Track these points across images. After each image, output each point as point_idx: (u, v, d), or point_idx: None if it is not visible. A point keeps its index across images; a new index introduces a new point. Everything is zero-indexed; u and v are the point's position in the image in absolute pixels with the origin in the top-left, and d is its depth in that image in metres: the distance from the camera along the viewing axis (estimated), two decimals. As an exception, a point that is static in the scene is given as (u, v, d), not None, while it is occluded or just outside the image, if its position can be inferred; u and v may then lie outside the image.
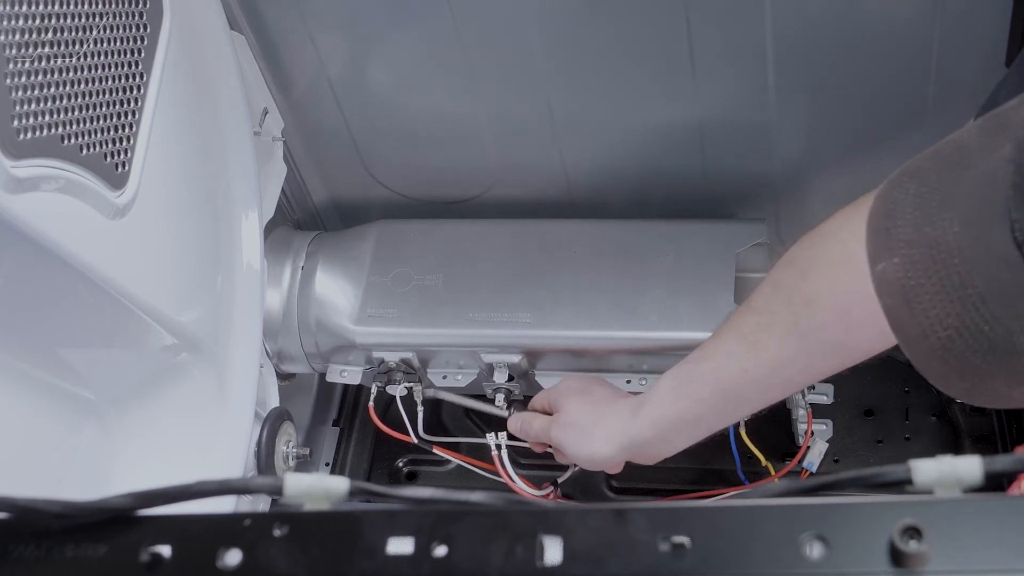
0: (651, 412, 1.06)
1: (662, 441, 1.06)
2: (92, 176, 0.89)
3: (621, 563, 0.45)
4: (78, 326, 1.04)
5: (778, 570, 0.44)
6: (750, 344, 0.97)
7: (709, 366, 1.01)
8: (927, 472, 0.46)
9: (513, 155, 1.37)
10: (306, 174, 1.44)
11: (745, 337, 0.98)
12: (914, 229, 0.65)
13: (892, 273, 0.65)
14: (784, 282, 0.96)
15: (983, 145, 0.65)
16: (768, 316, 0.96)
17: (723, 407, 1.02)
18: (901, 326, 0.66)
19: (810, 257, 0.95)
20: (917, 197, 0.66)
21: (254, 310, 1.20)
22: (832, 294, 0.93)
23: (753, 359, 0.97)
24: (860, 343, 0.95)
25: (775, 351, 0.96)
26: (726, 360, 0.99)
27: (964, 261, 0.62)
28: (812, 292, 0.93)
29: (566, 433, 1.13)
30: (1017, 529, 0.43)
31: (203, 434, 1.13)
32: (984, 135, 0.66)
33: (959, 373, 0.65)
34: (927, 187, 0.66)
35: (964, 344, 0.63)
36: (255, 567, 0.47)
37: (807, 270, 0.94)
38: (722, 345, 1.00)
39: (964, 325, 0.62)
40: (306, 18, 1.23)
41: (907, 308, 0.65)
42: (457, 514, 0.47)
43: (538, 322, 1.22)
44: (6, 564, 0.48)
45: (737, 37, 1.17)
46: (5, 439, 0.98)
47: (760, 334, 0.97)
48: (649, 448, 1.08)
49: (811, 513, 0.45)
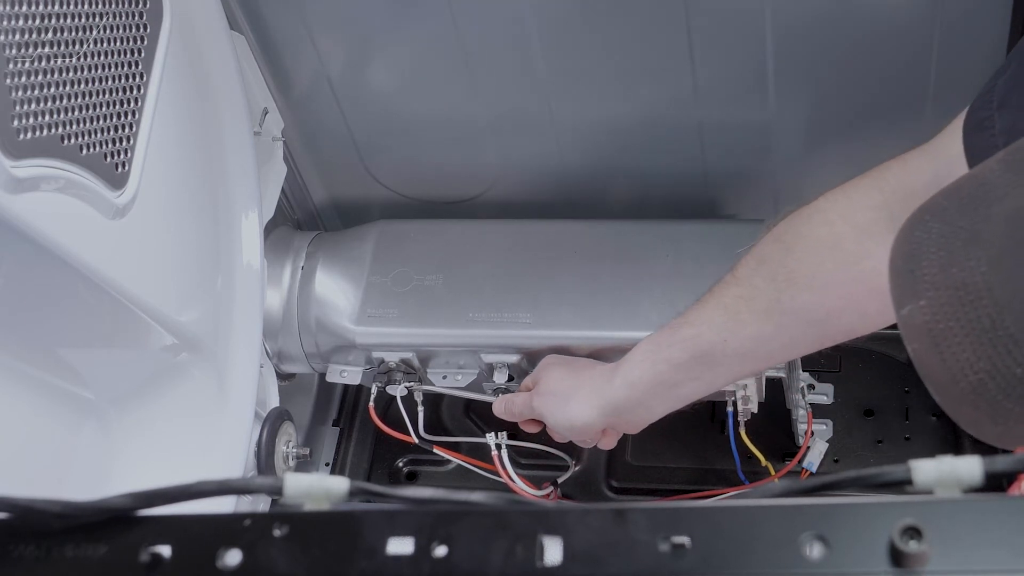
0: (628, 374, 1.06)
1: (640, 405, 1.07)
2: (92, 176, 0.89)
3: (621, 563, 0.45)
4: (78, 326, 1.04)
5: (778, 570, 0.44)
6: (731, 315, 0.98)
7: (689, 332, 1.01)
8: (927, 472, 0.46)
9: (513, 155, 1.37)
10: (306, 174, 1.44)
11: (727, 308, 0.98)
12: (940, 270, 0.62)
13: (919, 317, 0.62)
14: (769, 257, 0.96)
15: (1007, 181, 0.63)
16: (750, 290, 0.97)
17: (700, 374, 1.02)
18: (930, 371, 0.63)
19: (797, 234, 0.95)
20: (941, 237, 0.64)
21: (254, 310, 1.20)
22: (815, 275, 0.93)
23: (732, 331, 0.98)
24: (840, 325, 0.96)
25: (755, 326, 0.97)
26: (706, 328, 0.99)
27: (994, 302, 0.59)
28: (795, 271, 0.94)
29: (546, 401, 1.14)
30: (1017, 529, 0.43)
31: (203, 434, 1.13)
32: (1008, 171, 0.64)
33: (992, 418, 0.62)
34: (950, 226, 0.64)
35: (996, 388, 0.60)
36: (255, 567, 0.47)
37: (793, 247, 0.94)
38: (703, 313, 1.00)
39: (996, 368, 0.60)
40: (306, 18, 1.23)
41: (936, 352, 0.62)
42: (457, 514, 0.47)
43: (538, 322, 1.22)
44: (6, 564, 0.48)
45: (737, 37, 1.17)
46: (5, 439, 0.98)
47: (741, 306, 0.97)
48: (628, 413, 1.08)
49: (811, 513, 0.45)
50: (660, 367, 1.03)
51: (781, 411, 1.32)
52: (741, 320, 0.97)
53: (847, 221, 0.93)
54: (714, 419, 1.38)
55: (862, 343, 1.45)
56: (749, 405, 1.20)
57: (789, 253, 0.94)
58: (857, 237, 0.92)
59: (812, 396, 1.35)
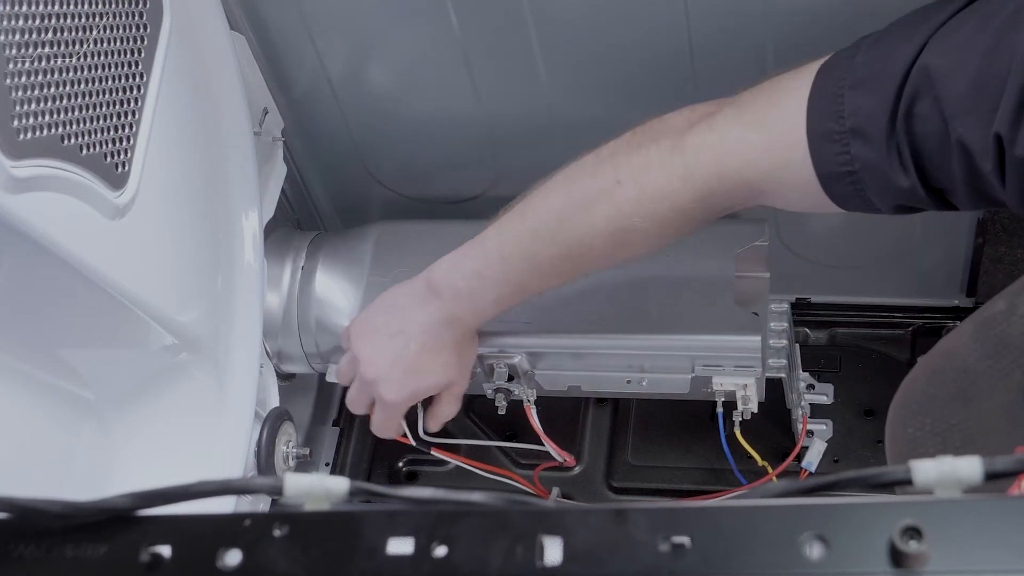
0: (439, 265, 1.11)
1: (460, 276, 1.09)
2: (92, 176, 0.89)
3: (621, 563, 0.45)
4: (78, 326, 1.04)
5: (778, 570, 0.44)
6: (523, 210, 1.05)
7: (491, 232, 1.07)
8: (927, 472, 0.46)
9: (513, 155, 1.37)
10: (306, 174, 1.44)
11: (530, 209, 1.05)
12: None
13: None
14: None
15: (989, 370, 0.64)
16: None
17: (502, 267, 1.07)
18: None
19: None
20: (936, 435, 0.64)
21: (254, 310, 1.20)
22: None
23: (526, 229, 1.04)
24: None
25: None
26: (507, 224, 1.06)
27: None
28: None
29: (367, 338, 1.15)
30: (1017, 529, 0.43)
31: (203, 434, 1.13)
32: (987, 357, 0.65)
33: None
34: (943, 423, 0.64)
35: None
36: (255, 567, 0.47)
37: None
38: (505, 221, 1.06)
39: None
40: (306, 18, 1.23)
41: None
42: (457, 514, 0.47)
43: (538, 322, 1.22)
44: (6, 564, 0.48)
45: (737, 37, 1.17)
46: (5, 439, 0.98)
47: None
48: (457, 306, 1.10)
49: (811, 513, 0.45)
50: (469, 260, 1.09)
51: (781, 411, 1.33)
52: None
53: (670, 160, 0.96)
54: (714, 419, 1.38)
55: (862, 343, 1.45)
56: (749, 405, 1.20)
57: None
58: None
59: (812, 396, 1.35)
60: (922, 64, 0.83)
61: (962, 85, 0.80)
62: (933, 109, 0.82)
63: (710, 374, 1.19)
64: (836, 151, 0.87)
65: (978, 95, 0.79)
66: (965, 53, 0.81)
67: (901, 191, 0.86)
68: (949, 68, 0.82)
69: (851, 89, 0.87)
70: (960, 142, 0.80)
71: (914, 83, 0.83)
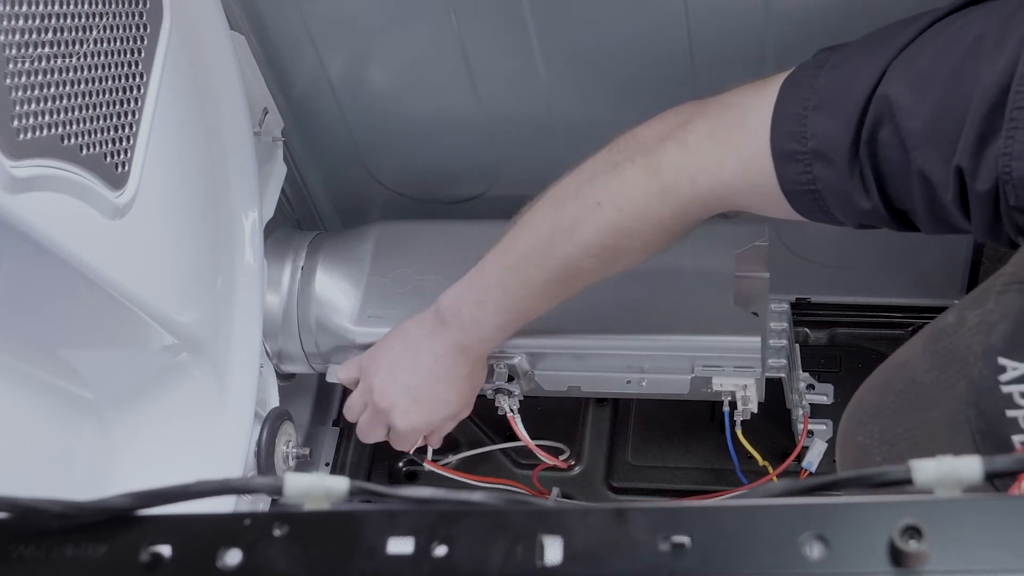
0: (445, 295, 1.13)
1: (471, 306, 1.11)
2: (92, 176, 0.89)
3: (621, 563, 0.45)
4: (78, 326, 1.04)
5: (778, 570, 0.44)
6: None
7: (488, 261, 1.10)
8: (927, 472, 0.46)
9: (513, 155, 1.37)
10: (306, 174, 1.44)
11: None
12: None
13: None
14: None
15: (935, 381, 0.66)
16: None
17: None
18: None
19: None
20: (884, 444, 0.66)
21: (254, 310, 1.20)
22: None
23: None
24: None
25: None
26: (501, 252, 1.09)
27: None
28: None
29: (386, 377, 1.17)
30: (1017, 529, 0.43)
31: (203, 434, 1.13)
32: (934, 369, 0.66)
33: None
34: (891, 432, 0.66)
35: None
36: (255, 567, 0.47)
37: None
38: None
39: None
40: (306, 18, 1.23)
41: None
42: (457, 514, 0.47)
43: (538, 322, 1.22)
44: (6, 564, 0.48)
45: (737, 37, 1.17)
46: (5, 439, 0.98)
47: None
48: (464, 336, 1.12)
49: (811, 513, 0.45)
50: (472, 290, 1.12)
51: (781, 411, 1.33)
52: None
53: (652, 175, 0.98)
54: (714, 419, 1.38)
55: (863, 343, 1.45)
56: (748, 405, 1.20)
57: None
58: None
59: (812, 396, 1.35)
60: (883, 92, 0.84)
61: (923, 116, 0.81)
62: (894, 137, 0.83)
63: (710, 374, 1.19)
64: (799, 171, 0.89)
65: (938, 127, 0.80)
66: (926, 83, 0.82)
67: (864, 212, 0.88)
68: (910, 98, 0.82)
69: (813, 111, 0.88)
70: (921, 172, 0.81)
71: (876, 111, 0.84)
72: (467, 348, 1.14)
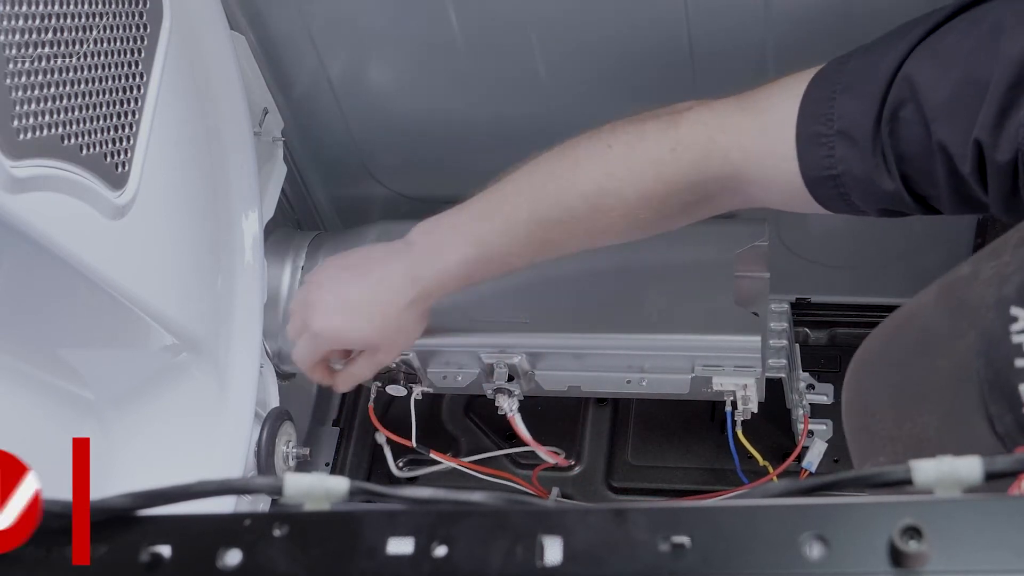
0: (423, 221, 1.10)
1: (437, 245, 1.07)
2: (92, 176, 0.89)
3: (621, 563, 0.45)
4: (78, 326, 1.04)
5: (778, 570, 0.44)
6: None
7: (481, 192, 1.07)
8: (927, 472, 0.46)
9: (513, 155, 1.36)
10: (306, 174, 1.44)
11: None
12: (894, 425, 0.65)
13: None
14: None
15: (946, 329, 0.65)
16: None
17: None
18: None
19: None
20: (891, 387, 0.66)
21: (254, 310, 1.20)
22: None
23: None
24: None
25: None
26: (498, 184, 1.06)
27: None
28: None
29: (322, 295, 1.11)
30: (1017, 529, 0.43)
31: (203, 434, 1.13)
32: (945, 316, 0.66)
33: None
34: (900, 375, 0.66)
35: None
36: (255, 567, 0.47)
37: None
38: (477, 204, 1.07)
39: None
40: (306, 18, 1.23)
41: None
42: (457, 514, 0.47)
43: (537, 322, 1.22)
44: (6, 564, 0.48)
45: (737, 37, 1.17)
46: (5, 439, 0.97)
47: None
48: (423, 262, 1.08)
49: (811, 513, 0.45)
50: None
51: (781, 411, 1.33)
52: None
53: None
54: (714, 419, 1.38)
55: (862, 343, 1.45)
56: (748, 405, 1.20)
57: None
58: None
59: (812, 396, 1.35)
60: (906, 72, 0.84)
61: (944, 90, 0.81)
62: (916, 114, 0.83)
63: (710, 374, 1.19)
64: (822, 154, 0.89)
65: (959, 99, 0.80)
66: (948, 59, 0.82)
67: (886, 194, 0.87)
68: (932, 75, 0.83)
69: (842, 93, 0.88)
70: (941, 145, 0.81)
71: (898, 89, 0.84)
72: (419, 278, 1.08)
